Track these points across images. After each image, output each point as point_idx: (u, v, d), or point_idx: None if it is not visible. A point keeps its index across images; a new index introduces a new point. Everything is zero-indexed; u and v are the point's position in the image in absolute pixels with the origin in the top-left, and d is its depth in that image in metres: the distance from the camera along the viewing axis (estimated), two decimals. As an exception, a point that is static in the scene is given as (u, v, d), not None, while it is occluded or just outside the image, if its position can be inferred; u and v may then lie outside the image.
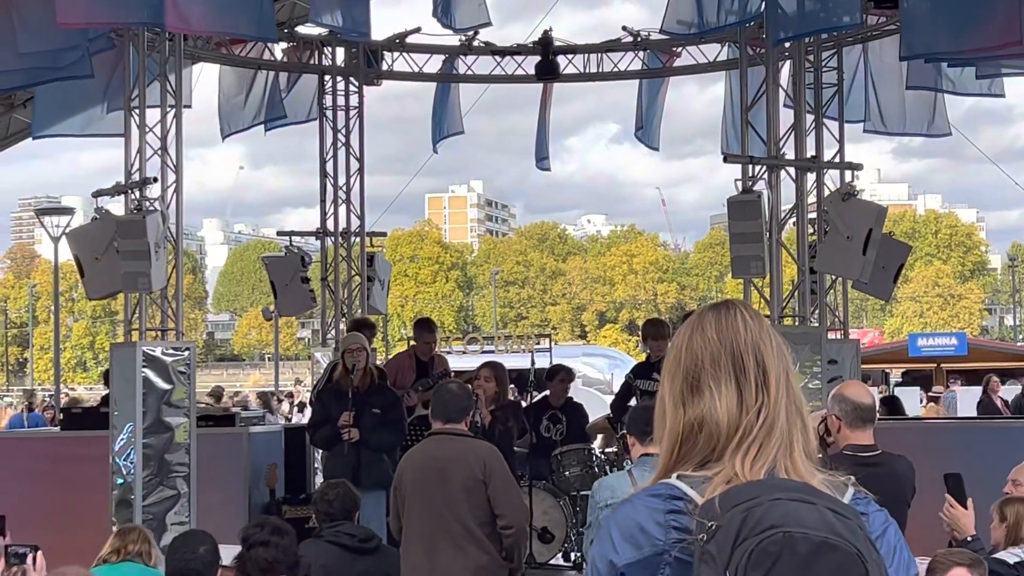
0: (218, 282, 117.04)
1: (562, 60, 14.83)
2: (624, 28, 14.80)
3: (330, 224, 14.82)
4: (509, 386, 10.89)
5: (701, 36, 13.02)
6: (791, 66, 11.50)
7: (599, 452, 11.62)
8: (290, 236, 14.91)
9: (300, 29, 14.74)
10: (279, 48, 14.38)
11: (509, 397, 10.76)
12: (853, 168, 11.84)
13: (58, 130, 12.82)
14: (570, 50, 14.96)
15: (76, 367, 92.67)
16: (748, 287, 11.17)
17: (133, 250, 10.07)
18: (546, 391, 11.93)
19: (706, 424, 2.25)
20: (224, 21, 10.08)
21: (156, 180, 10.66)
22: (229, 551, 5.89)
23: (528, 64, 14.88)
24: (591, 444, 11.69)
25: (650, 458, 5.78)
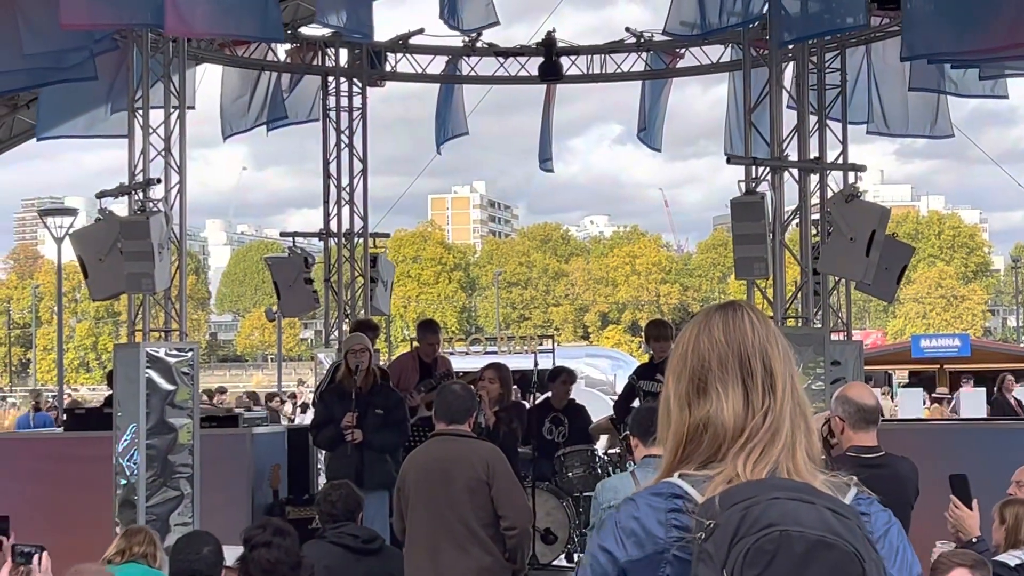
0: (221, 283, 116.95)
1: (565, 61, 14.82)
2: (627, 29, 14.79)
3: (333, 225, 14.82)
4: (513, 387, 10.89)
5: (704, 37, 13.00)
6: (794, 67, 11.51)
7: (602, 453, 11.63)
8: (293, 237, 14.91)
9: (304, 30, 14.75)
10: (282, 49, 14.38)
11: (513, 398, 10.76)
12: (856, 169, 11.86)
13: (62, 131, 12.82)
14: (573, 51, 14.95)
15: (79, 368, 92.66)
16: (751, 288, 11.16)
17: (137, 251, 10.07)
18: (548, 392, 11.94)
19: (711, 425, 2.25)
20: (228, 22, 10.04)
21: (160, 181, 10.67)
22: (233, 552, 5.88)
23: (531, 65, 14.87)
24: (594, 445, 11.70)
25: (653, 459, 5.77)
